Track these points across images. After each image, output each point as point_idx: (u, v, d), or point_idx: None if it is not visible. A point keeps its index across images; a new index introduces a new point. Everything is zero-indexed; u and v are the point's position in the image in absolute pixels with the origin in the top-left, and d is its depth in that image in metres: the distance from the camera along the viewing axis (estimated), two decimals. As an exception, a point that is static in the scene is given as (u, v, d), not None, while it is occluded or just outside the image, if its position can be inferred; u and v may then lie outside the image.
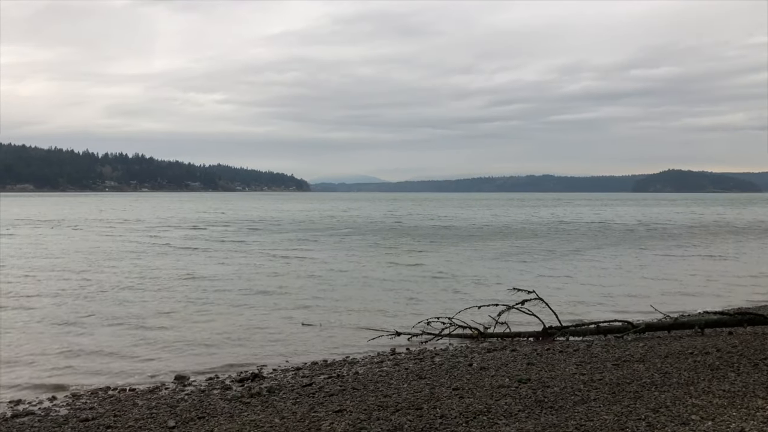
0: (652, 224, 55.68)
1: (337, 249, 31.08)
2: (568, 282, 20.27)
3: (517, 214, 78.78)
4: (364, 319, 14.18)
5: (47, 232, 43.72)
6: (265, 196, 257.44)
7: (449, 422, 6.60)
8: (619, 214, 76.98)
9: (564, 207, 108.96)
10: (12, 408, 8.42)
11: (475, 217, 68.35)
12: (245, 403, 7.97)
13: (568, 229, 49.03)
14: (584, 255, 28.78)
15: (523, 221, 60.44)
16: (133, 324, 13.72)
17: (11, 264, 24.30)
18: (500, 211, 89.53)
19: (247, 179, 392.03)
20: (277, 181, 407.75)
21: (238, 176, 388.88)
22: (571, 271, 23.03)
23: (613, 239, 38.23)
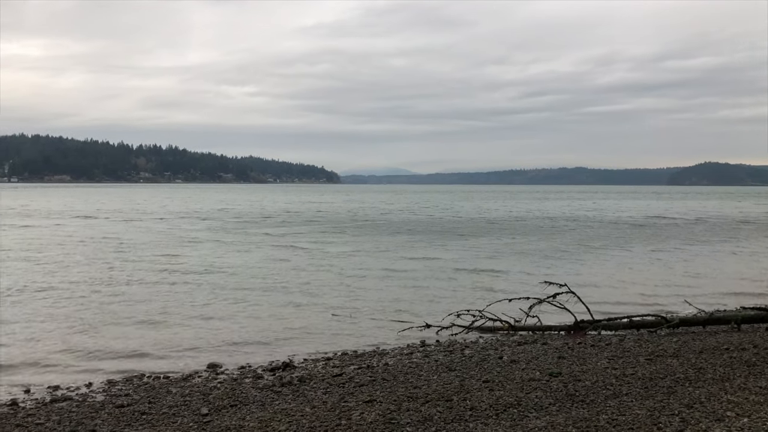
0: (687, 217, 54.68)
1: (372, 242, 31.17)
2: (600, 276, 20.04)
3: (552, 207, 78.01)
4: (393, 311, 14.20)
5: (97, 223, 44.61)
6: (298, 188, 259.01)
7: (479, 414, 6.60)
8: (653, 207, 75.76)
9: (600, 200, 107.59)
10: (50, 393, 8.63)
11: (512, 210, 67.88)
12: (276, 392, 8.06)
13: (601, 221, 48.41)
14: (616, 248, 28.41)
15: (554, 215, 59.81)
16: (165, 313, 13.94)
17: (49, 254, 24.87)
18: (535, 204, 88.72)
19: (279, 171, 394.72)
20: (308, 173, 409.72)
21: (270, 168, 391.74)
22: (603, 265, 22.76)
23: (645, 233, 37.65)
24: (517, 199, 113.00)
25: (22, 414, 7.50)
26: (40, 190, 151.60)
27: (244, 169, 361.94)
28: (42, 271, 19.83)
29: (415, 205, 79.72)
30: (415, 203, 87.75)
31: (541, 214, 60.09)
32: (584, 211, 65.23)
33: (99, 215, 52.56)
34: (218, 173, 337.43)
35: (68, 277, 18.80)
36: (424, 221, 47.69)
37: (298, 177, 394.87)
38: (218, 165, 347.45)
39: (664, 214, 59.55)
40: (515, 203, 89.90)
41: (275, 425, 6.47)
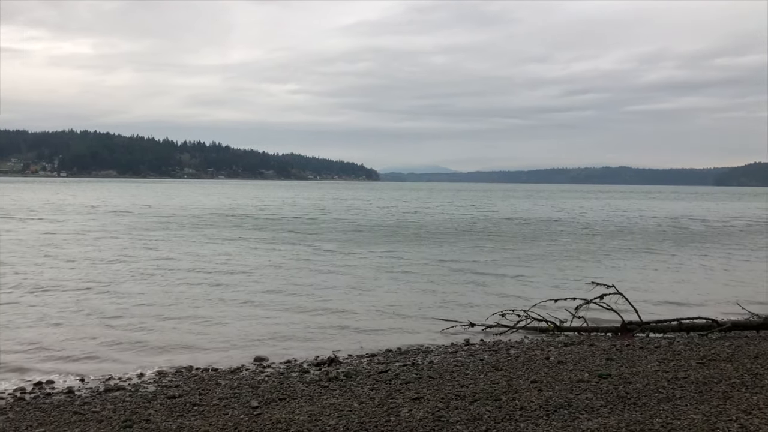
0: (736, 220, 53.23)
1: (407, 242, 31.17)
2: (645, 279, 19.65)
3: (593, 206, 76.81)
4: (438, 309, 14.18)
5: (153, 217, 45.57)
6: (336, 185, 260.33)
7: (529, 415, 6.54)
8: (701, 208, 74.00)
9: (642, 200, 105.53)
10: (104, 383, 8.86)
11: (552, 210, 67.08)
12: (323, 386, 8.13)
13: (644, 223, 47.49)
14: (660, 251, 27.81)
15: (595, 215, 58.88)
16: (212, 305, 14.19)
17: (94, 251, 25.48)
18: (577, 204, 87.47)
19: (319, 168, 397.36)
20: (348, 170, 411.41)
21: (310, 165, 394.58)
22: (648, 268, 22.30)
23: (690, 236, 36.80)
24: (558, 198, 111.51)
25: (78, 402, 7.72)
26: (85, 184, 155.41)
27: (285, 166, 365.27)
28: (81, 267, 20.34)
29: (450, 204, 79.32)
30: (448, 202, 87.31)
31: (582, 214, 59.19)
32: (626, 212, 64.04)
33: (139, 211, 53.61)
34: (260, 170, 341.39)
35: (109, 272, 19.26)
36: (459, 220, 47.46)
37: (338, 174, 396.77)
38: (260, 162, 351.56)
39: (709, 217, 58.11)
40: (556, 203, 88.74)
41: (325, 419, 6.52)
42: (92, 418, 6.93)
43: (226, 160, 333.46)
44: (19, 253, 22.97)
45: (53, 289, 15.78)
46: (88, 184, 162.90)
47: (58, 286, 16.29)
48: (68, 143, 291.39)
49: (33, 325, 12.26)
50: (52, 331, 11.83)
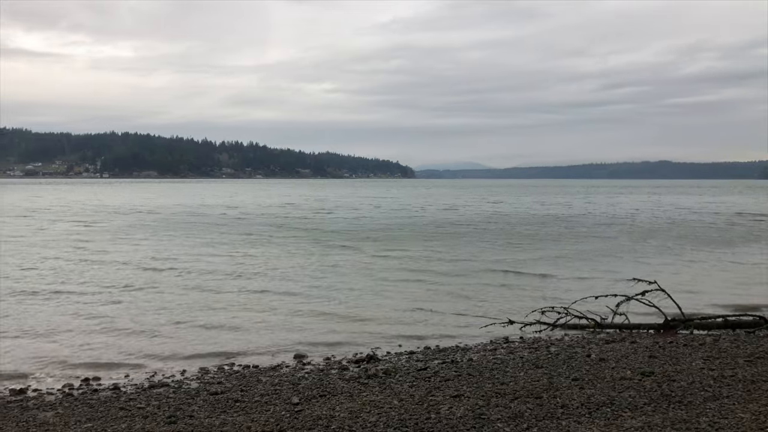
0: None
1: (439, 239, 31.10)
2: (687, 275, 19.26)
3: (631, 202, 75.50)
4: (476, 307, 14.12)
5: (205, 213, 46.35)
6: (372, 182, 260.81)
7: (571, 412, 6.47)
8: (742, 203, 72.13)
9: (684, 195, 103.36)
10: (149, 379, 9.05)
11: (589, 205, 66.17)
12: (363, 383, 8.16)
13: (689, 219, 46.51)
14: (707, 248, 27.21)
15: (633, 211, 57.84)
16: (250, 303, 14.37)
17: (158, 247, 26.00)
18: (614, 200, 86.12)
19: (355, 166, 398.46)
20: (383, 168, 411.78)
21: (346, 163, 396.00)
22: (690, 265, 21.84)
23: (733, 232, 35.91)
24: (595, 193, 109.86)
25: (124, 398, 7.90)
26: (126, 184, 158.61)
27: (321, 164, 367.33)
28: (124, 266, 20.77)
29: (483, 200, 78.77)
30: (481, 198, 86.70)
31: (620, 210, 58.22)
32: (666, 208, 62.79)
33: (183, 210, 54.49)
34: (296, 169, 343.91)
35: (151, 270, 19.64)
36: (494, 217, 47.14)
37: (374, 172, 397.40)
38: (296, 161, 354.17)
39: (754, 211, 56.58)
40: (592, 198, 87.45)
41: (365, 416, 6.55)
42: (138, 413, 7.08)
43: (263, 159, 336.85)
44: (70, 252, 23.59)
45: (97, 288, 16.16)
46: (139, 184, 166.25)
47: (102, 284, 16.67)
48: (110, 145, 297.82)
49: (78, 322, 12.58)
50: (97, 328, 12.13)
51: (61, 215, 45.84)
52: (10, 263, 20.46)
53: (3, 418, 7.07)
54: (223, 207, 59.38)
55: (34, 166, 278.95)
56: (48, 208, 54.62)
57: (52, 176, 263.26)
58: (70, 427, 6.59)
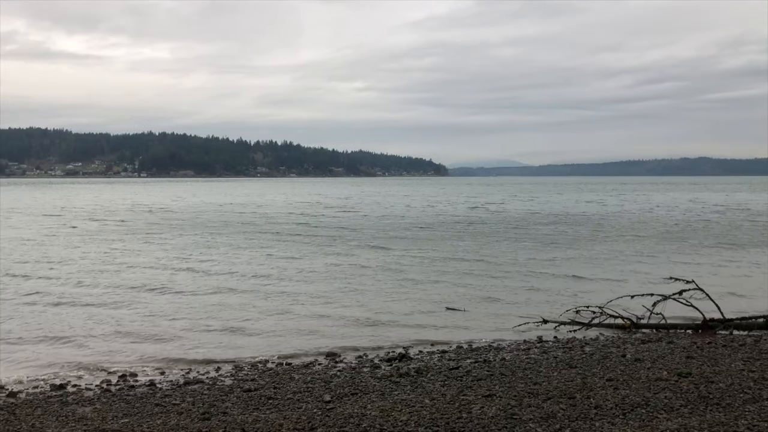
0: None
1: (468, 238, 30.93)
2: (729, 275, 18.85)
3: (667, 200, 74.08)
4: (509, 306, 14.03)
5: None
6: (405, 180, 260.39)
7: (605, 413, 6.39)
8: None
9: (724, 192, 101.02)
10: (184, 376, 9.20)
11: (624, 203, 65.13)
12: (395, 382, 8.17)
13: (727, 218, 45.45)
14: (748, 248, 26.57)
15: (676, 210, 56.72)
16: (282, 302, 14.48)
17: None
18: (652, 197, 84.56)
19: (387, 164, 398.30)
20: (416, 166, 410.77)
21: (378, 162, 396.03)
22: (733, 264, 21.35)
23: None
24: (631, 191, 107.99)
25: (159, 394, 8.04)
26: (162, 184, 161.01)
27: (354, 163, 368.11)
28: (154, 267, 21.09)
29: (514, 198, 78.05)
30: (512, 196, 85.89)
31: (656, 207, 57.17)
32: (704, 205, 61.46)
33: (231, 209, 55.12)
34: (329, 167, 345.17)
35: (186, 270, 19.92)
36: (524, 216, 46.68)
37: (406, 170, 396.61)
38: (329, 159, 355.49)
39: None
40: (628, 196, 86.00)
41: (396, 415, 6.55)
42: (173, 409, 7.20)
43: (297, 158, 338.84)
44: (106, 250, 24.09)
45: (130, 287, 16.47)
46: (175, 184, 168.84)
47: (134, 284, 16.99)
48: (147, 145, 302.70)
49: (113, 321, 12.83)
50: (133, 324, 12.36)
51: (92, 214, 46.78)
52: (49, 260, 20.98)
53: (44, 412, 7.25)
54: (254, 206, 59.93)
55: (74, 166, 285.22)
56: (81, 207, 55.78)
57: (92, 176, 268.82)
58: (108, 422, 6.72)
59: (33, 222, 38.80)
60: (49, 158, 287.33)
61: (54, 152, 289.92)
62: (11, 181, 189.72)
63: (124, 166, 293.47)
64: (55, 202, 65.35)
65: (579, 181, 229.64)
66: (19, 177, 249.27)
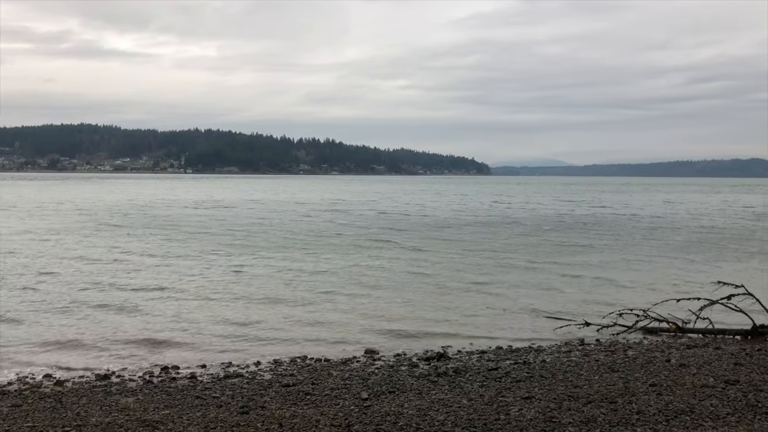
0: None
1: (509, 238, 30.63)
2: None
3: (719, 202, 72.10)
4: (550, 307, 13.83)
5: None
6: (445, 179, 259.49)
7: (647, 419, 6.24)
8: None
9: None
10: (224, 369, 9.32)
11: (671, 204, 63.69)
12: (433, 381, 8.13)
13: None
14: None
15: (723, 213, 55.20)
16: (322, 298, 14.56)
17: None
18: (702, 198, 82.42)
19: (429, 163, 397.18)
20: (458, 164, 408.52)
21: (420, 160, 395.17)
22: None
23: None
24: (677, 191, 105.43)
25: (200, 387, 8.16)
26: (206, 180, 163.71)
27: (396, 161, 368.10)
28: (200, 261, 21.40)
29: (556, 200, 76.90)
30: (555, 197, 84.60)
31: (702, 209, 55.71)
32: (753, 208, 59.61)
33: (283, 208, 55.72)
34: (371, 165, 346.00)
35: (232, 265, 20.19)
36: (564, 218, 45.99)
37: (448, 169, 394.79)
38: (371, 157, 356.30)
39: None
40: (675, 197, 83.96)
41: (433, 414, 6.52)
42: (212, 403, 7.29)
43: (339, 156, 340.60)
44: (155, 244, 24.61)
45: (177, 278, 16.78)
46: (218, 180, 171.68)
47: (185, 274, 17.30)
48: (194, 141, 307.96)
49: (160, 312, 13.07)
50: (177, 316, 12.58)
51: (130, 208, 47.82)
52: (94, 253, 21.53)
53: (89, 401, 7.43)
54: (292, 203, 60.43)
55: (122, 162, 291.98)
56: (130, 201, 57.07)
57: (139, 171, 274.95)
58: (149, 413, 6.85)
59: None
60: (98, 154, 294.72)
61: (104, 148, 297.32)
62: (63, 176, 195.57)
63: (170, 162, 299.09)
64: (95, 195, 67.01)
65: (625, 182, 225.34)
66: (70, 172, 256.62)
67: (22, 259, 20.10)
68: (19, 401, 7.50)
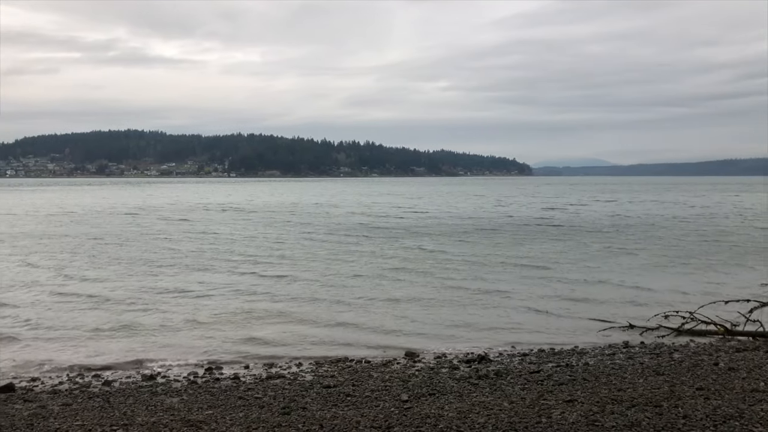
0: None
1: (551, 240, 30.24)
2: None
3: None
4: (593, 310, 13.61)
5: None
6: (491, 180, 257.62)
7: (694, 424, 6.09)
8: None
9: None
10: (266, 370, 9.44)
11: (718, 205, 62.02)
12: (473, 384, 8.09)
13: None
14: None
15: None
16: (363, 300, 14.60)
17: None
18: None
19: (469, 164, 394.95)
20: (499, 165, 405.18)
21: (460, 161, 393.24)
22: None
23: None
24: (725, 191, 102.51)
25: (243, 388, 8.28)
26: (247, 183, 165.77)
27: (436, 162, 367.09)
28: (243, 263, 21.67)
29: (597, 201, 75.52)
30: (593, 199, 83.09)
31: (748, 210, 54.06)
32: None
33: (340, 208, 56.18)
34: (411, 167, 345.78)
35: (277, 268, 20.39)
36: (603, 220, 45.13)
37: (489, 170, 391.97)
38: (411, 159, 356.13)
39: None
40: (721, 197, 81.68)
41: (474, 417, 6.48)
42: (255, 403, 7.39)
43: (378, 158, 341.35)
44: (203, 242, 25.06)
45: (222, 282, 17.05)
46: (260, 183, 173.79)
47: (235, 280, 17.57)
48: (237, 145, 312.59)
49: (204, 315, 13.30)
50: (221, 318, 12.78)
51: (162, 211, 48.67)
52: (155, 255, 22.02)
53: (135, 401, 7.61)
54: (328, 206, 60.76)
55: (168, 166, 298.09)
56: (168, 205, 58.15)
57: (184, 175, 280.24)
58: (193, 413, 6.98)
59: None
60: (145, 159, 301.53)
61: (150, 153, 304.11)
62: (111, 181, 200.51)
63: (214, 166, 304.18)
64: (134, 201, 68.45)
65: (670, 182, 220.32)
66: (118, 176, 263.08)
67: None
68: (69, 400, 7.73)
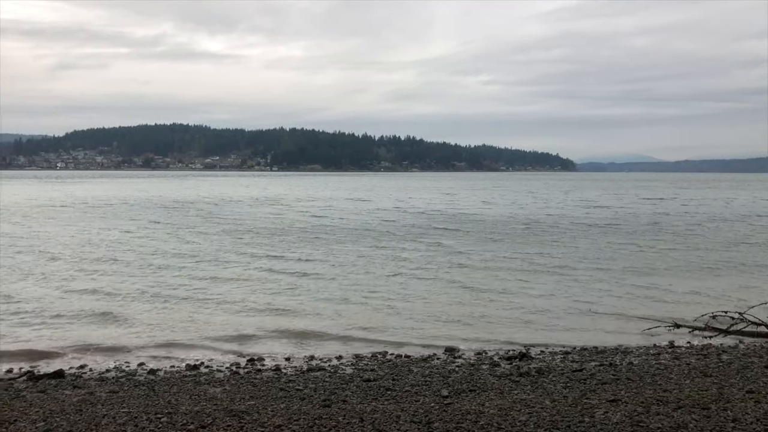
0: None
1: (608, 237, 29.77)
2: None
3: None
4: (638, 308, 13.36)
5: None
6: (530, 176, 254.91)
7: (744, 428, 5.91)
8: None
9: None
10: (307, 363, 9.52)
11: None
12: (515, 381, 8.01)
13: None
14: None
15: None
16: (404, 294, 14.60)
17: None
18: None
19: (511, 159, 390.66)
20: (541, 160, 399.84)
21: (502, 156, 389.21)
22: None
23: None
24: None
25: (284, 379, 8.36)
26: (288, 178, 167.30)
27: (477, 157, 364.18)
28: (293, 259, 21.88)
29: (637, 198, 73.88)
30: (635, 195, 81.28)
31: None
32: None
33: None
34: (452, 162, 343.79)
35: (325, 264, 20.55)
36: (643, 218, 44.16)
37: (531, 165, 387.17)
38: (452, 154, 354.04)
39: None
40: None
41: (515, 414, 6.42)
42: (295, 395, 7.45)
43: (419, 153, 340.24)
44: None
45: (271, 276, 17.26)
46: (301, 178, 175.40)
47: (269, 271, 17.78)
48: (279, 140, 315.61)
49: (252, 306, 13.48)
50: (263, 310, 12.94)
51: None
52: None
53: (179, 390, 7.75)
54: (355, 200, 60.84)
55: (212, 160, 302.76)
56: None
57: (228, 169, 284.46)
58: (235, 403, 7.07)
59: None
60: (189, 152, 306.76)
61: (194, 147, 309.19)
62: (159, 173, 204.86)
63: (257, 160, 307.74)
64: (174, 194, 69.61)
65: (717, 178, 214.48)
66: (164, 170, 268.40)
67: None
68: (116, 387, 7.92)
